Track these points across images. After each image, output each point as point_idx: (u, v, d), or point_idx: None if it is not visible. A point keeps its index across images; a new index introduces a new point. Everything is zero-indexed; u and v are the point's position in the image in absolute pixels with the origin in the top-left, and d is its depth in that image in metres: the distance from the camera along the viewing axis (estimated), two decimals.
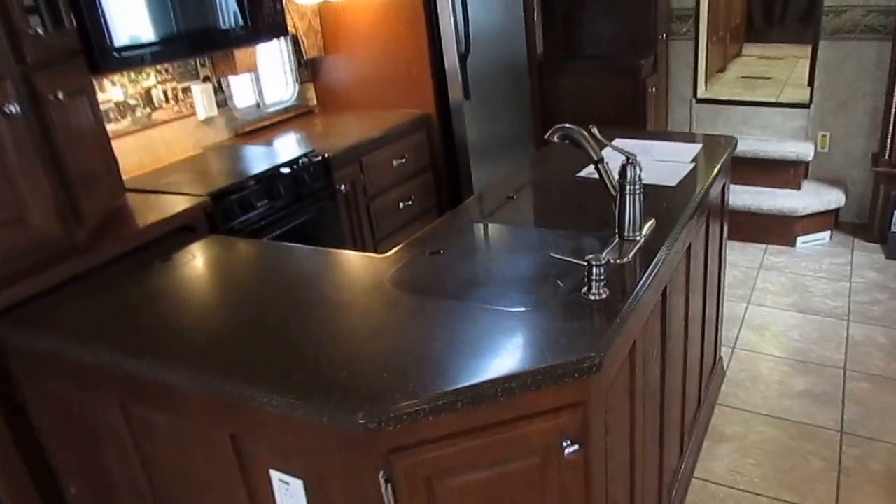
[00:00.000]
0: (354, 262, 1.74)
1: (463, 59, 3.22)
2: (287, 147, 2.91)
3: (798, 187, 3.91)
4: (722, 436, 2.41)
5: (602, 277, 1.39)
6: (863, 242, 3.76)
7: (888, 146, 3.61)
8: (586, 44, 4.18)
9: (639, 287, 1.43)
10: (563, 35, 4.22)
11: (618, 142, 2.03)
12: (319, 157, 2.66)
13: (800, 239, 3.81)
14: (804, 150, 3.88)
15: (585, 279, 1.40)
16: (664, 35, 4.13)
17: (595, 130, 1.62)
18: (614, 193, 1.63)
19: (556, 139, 1.61)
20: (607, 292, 1.39)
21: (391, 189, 3.07)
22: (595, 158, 1.61)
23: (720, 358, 2.70)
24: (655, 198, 1.85)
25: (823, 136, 3.94)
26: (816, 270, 3.53)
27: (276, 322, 1.43)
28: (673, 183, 2.03)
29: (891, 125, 3.62)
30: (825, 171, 3.96)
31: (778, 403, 2.54)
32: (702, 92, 4.35)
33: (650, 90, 3.94)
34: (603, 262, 1.38)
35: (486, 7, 3.40)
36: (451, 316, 1.38)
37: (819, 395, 2.57)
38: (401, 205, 3.13)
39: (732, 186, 3.13)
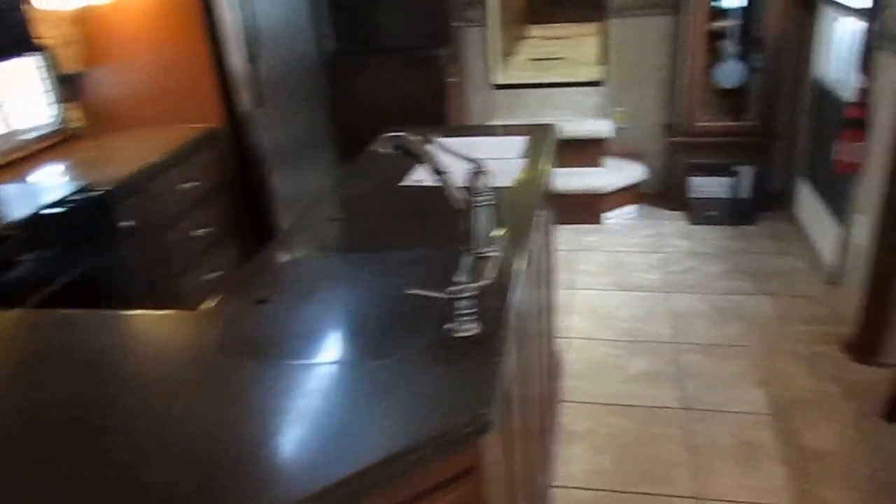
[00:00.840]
0: (164, 325, 1.42)
1: (253, 60, 2.91)
2: (51, 182, 2.43)
3: (601, 165, 4.07)
4: (573, 435, 2.38)
5: (470, 310, 1.23)
6: (667, 212, 4.00)
7: (676, 116, 3.86)
8: (383, 36, 4.01)
9: (510, 312, 1.29)
10: (358, 28, 4.01)
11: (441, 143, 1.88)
12: (95, 192, 2.23)
13: (608, 215, 3.96)
14: (603, 127, 4.04)
15: (452, 313, 1.22)
16: (460, 24, 4.08)
17: (432, 137, 1.45)
18: (461, 206, 1.47)
19: (386, 149, 1.41)
20: (479, 326, 1.23)
21: (185, 218, 2.69)
22: (438, 170, 1.43)
23: (558, 351, 2.69)
24: (496, 201, 1.72)
25: (620, 112, 4.12)
26: (629, 245, 3.68)
27: (56, 440, 1.08)
28: (508, 182, 1.92)
29: (679, 97, 3.87)
30: (625, 146, 4.15)
31: (620, 390, 2.58)
32: (497, 78, 4.38)
33: (452, 81, 3.87)
34: (469, 292, 1.22)
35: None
36: (298, 385, 1.13)
37: (657, 375, 2.64)
38: (200, 233, 2.76)
39: None
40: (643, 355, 2.76)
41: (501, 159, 2.10)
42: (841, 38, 3.22)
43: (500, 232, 1.56)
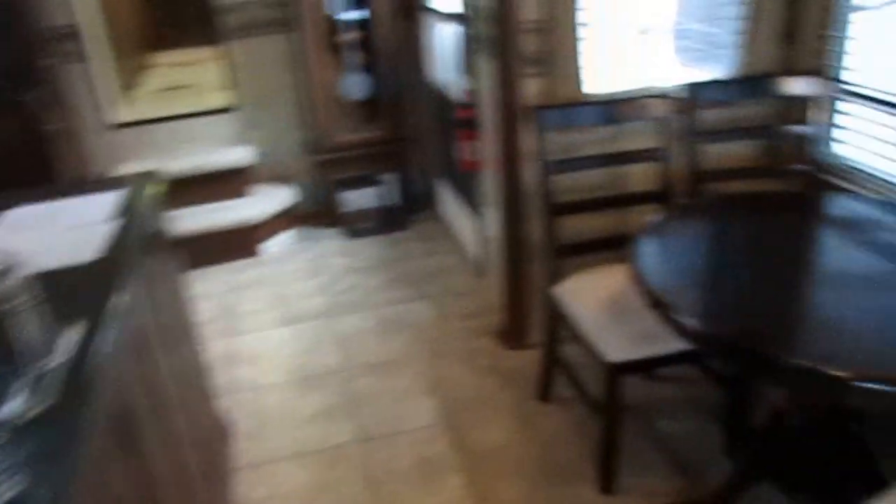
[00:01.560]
0: None
1: None
2: None
3: (247, 194, 3.82)
4: None
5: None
6: (324, 231, 3.90)
7: (315, 134, 3.76)
8: None
9: (77, 447, 0.98)
10: None
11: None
12: None
13: (265, 246, 3.74)
14: (243, 154, 3.79)
15: None
16: (53, 60, 3.48)
17: None
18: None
19: None
20: (18, 484, 0.90)
21: None
22: None
23: (222, 416, 2.40)
24: (69, 286, 1.38)
25: (259, 136, 3.90)
26: (290, 273, 3.50)
27: None
28: (89, 257, 1.57)
29: (313, 114, 3.76)
30: (271, 170, 3.94)
31: (295, 439, 2.38)
32: (119, 116, 3.87)
33: (53, 128, 3.28)
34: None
35: None
36: None
37: (331, 410, 2.50)
38: None
39: (177, 212, 2.81)
40: (315, 392, 2.60)
41: (83, 226, 1.73)
42: (444, 43, 3.37)
43: (69, 331, 1.23)
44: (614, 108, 2.23)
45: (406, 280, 3.33)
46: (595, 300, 2.06)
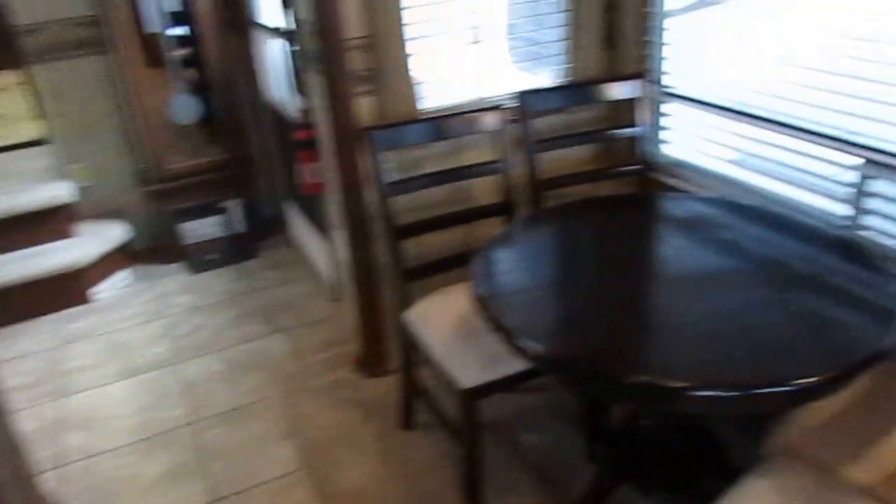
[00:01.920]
0: None
1: None
2: None
3: (73, 234, 3.47)
4: None
5: None
6: (165, 267, 3.62)
7: (146, 162, 3.48)
8: None
9: None
10: None
11: None
12: None
13: (97, 290, 3.42)
14: (63, 191, 3.43)
15: None
16: None
17: None
18: None
19: None
20: None
21: None
22: None
23: (49, 496, 2.13)
24: None
25: (80, 169, 3.56)
26: (128, 319, 3.22)
27: None
28: None
29: (141, 142, 3.48)
30: (98, 206, 3.61)
31: None
32: None
33: None
34: None
35: None
36: None
37: (178, 472, 2.28)
38: None
39: None
40: (160, 452, 2.37)
41: None
42: (275, 60, 3.22)
43: None
44: (447, 123, 2.18)
45: (258, 314, 3.15)
46: (445, 323, 2.01)
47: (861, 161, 1.91)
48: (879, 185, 1.89)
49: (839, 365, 1.28)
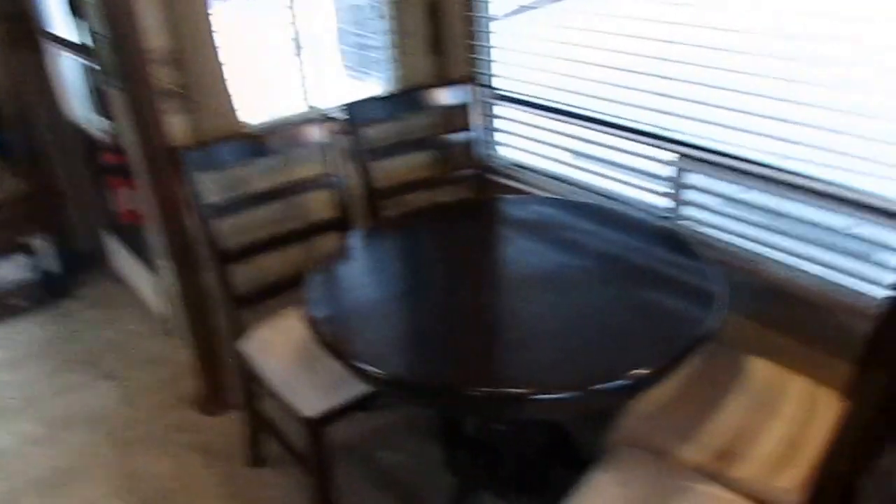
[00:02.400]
0: None
1: None
2: None
3: None
4: None
5: None
6: None
7: None
8: None
9: None
10: None
11: None
12: None
13: None
14: None
15: None
16: None
17: None
18: None
19: None
20: None
21: None
22: None
23: None
24: None
25: None
26: None
27: None
28: None
29: None
30: None
31: None
32: None
33: None
34: None
35: None
36: None
37: None
38: None
39: None
40: None
41: None
42: (73, 78, 2.95)
43: None
44: (272, 139, 2.08)
45: (79, 360, 2.85)
46: (283, 350, 1.90)
47: (676, 157, 2.03)
48: (693, 178, 2.02)
49: (668, 354, 1.33)
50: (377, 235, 2.00)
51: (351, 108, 2.24)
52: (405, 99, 2.41)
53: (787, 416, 1.52)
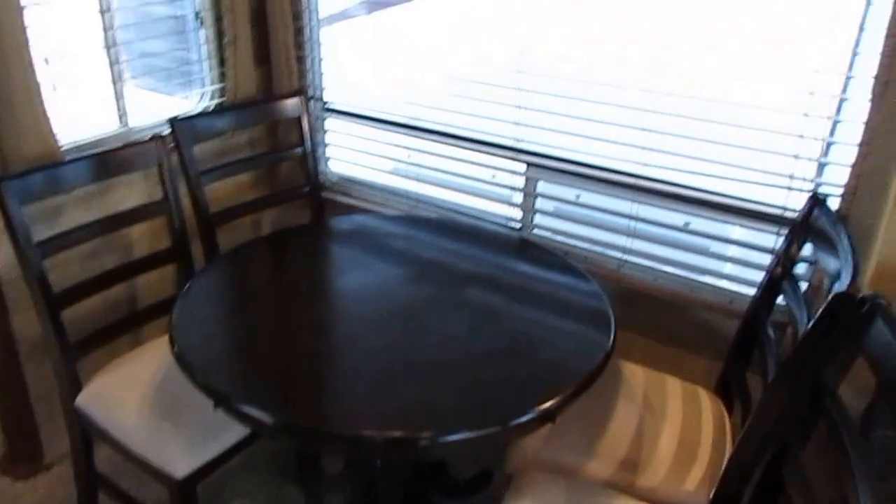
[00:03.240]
0: None
1: None
2: None
3: None
4: None
5: None
6: None
7: None
8: None
9: None
10: None
11: None
12: None
13: None
14: None
15: None
16: None
17: None
18: None
19: None
20: None
21: None
22: None
23: None
24: None
25: None
26: None
27: None
28: None
29: None
30: None
31: None
32: None
33: None
34: None
35: None
36: None
37: None
38: None
39: None
40: None
41: None
42: None
43: None
44: (98, 162, 1.80)
45: None
46: (136, 399, 1.66)
47: (525, 166, 2.10)
48: (542, 187, 2.10)
49: (575, 378, 1.34)
50: (216, 270, 1.79)
51: (176, 124, 2.01)
52: (232, 115, 2.23)
53: (674, 419, 1.63)
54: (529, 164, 2.09)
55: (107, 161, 1.82)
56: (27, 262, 1.62)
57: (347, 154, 2.45)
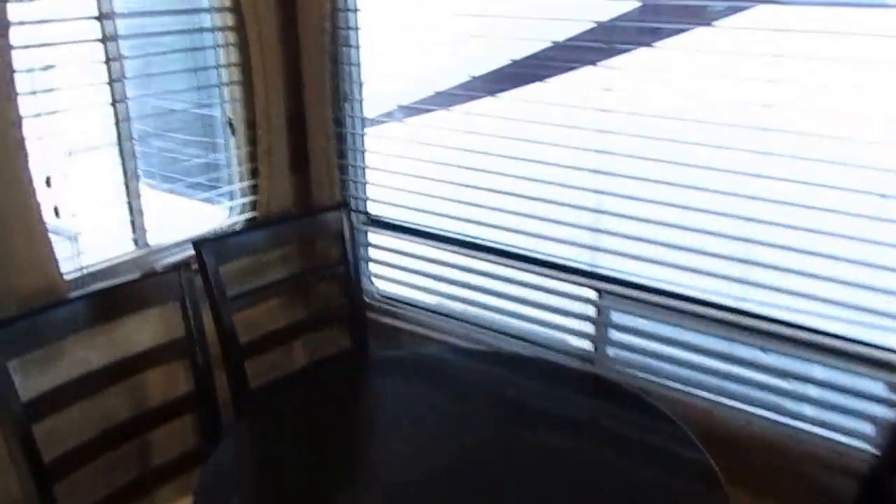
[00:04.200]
0: None
1: None
2: None
3: None
4: None
5: None
6: None
7: None
8: None
9: None
10: None
11: None
12: None
13: None
14: None
15: None
16: None
17: None
18: None
19: None
20: None
21: None
22: None
23: None
24: None
25: None
26: None
27: None
28: None
29: None
30: None
31: None
32: None
33: None
34: None
35: None
36: None
37: None
38: None
39: None
40: None
41: None
42: None
43: None
44: (108, 299, 1.61)
45: None
46: None
47: (596, 294, 1.86)
48: (619, 317, 1.85)
49: None
50: (249, 428, 1.57)
51: (203, 247, 1.82)
52: (268, 232, 2.03)
53: None
54: (603, 292, 1.85)
55: (119, 297, 1.63)
56: (11, 428, 1.39)
57: (393, 272, 2.22)
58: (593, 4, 1.67)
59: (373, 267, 2.25)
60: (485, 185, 1.94)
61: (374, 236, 2.22)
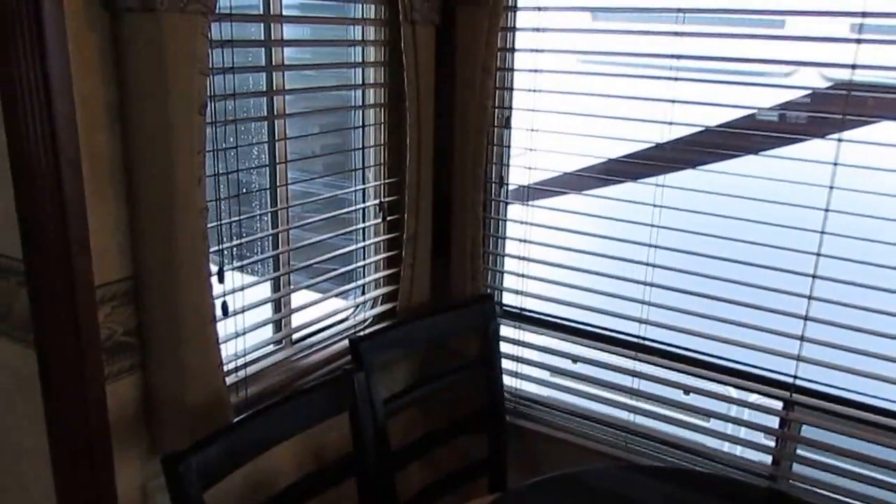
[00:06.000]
0: None
1: None
2: None
3: None
4: None
5: None
6: None
7: None
8: None
9: None
10: None
11: None
12: None
13: None
14: None
15: None
16: None
17: None
18: None
19: None
20: None
21: None
22: None
23: None
24: None
25: None
26: None
27: None
28: None
29: None
30: None
31: None
32: None
33: None
34: None
35: None
36: None
37: None
38: None
39: None
40: None
41: None
42: None
43: None
44: (283, 413, 1.47)
45: None
46: None
47: (780, 404, 1.78)
48: (808, 431, 1.77)
49: None
50: None
51: (358, 345, 1.70)
52: (418, 328, 1.91)
53: None
54: (789, 403, 1.77)
55: (291, 412, 1.49)
56: None
57: (535, 371, 2.11)
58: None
59: (509, 364, 2.13)
60: (649, 279, 1.86)
61: (510, 331, 2.11)
